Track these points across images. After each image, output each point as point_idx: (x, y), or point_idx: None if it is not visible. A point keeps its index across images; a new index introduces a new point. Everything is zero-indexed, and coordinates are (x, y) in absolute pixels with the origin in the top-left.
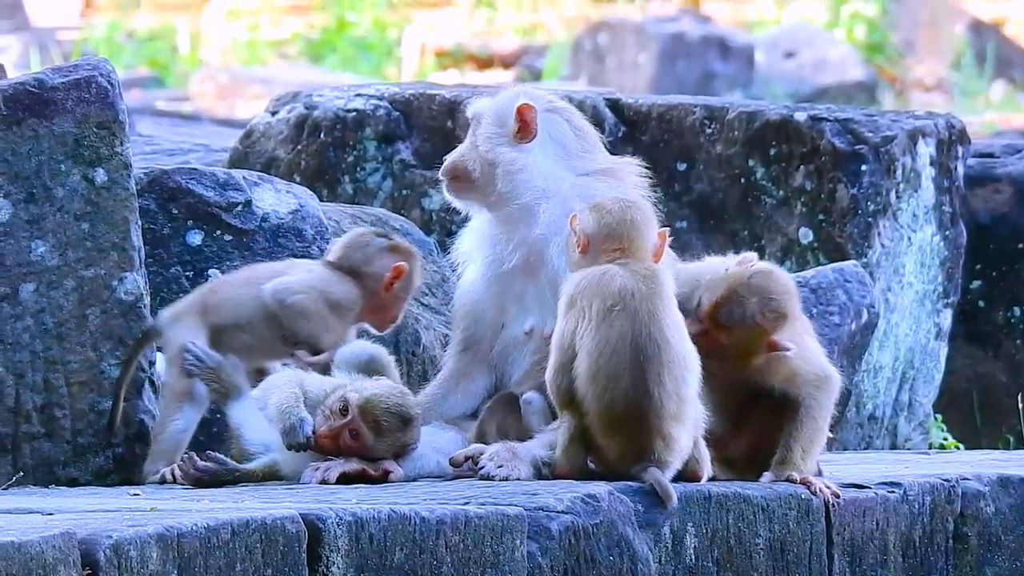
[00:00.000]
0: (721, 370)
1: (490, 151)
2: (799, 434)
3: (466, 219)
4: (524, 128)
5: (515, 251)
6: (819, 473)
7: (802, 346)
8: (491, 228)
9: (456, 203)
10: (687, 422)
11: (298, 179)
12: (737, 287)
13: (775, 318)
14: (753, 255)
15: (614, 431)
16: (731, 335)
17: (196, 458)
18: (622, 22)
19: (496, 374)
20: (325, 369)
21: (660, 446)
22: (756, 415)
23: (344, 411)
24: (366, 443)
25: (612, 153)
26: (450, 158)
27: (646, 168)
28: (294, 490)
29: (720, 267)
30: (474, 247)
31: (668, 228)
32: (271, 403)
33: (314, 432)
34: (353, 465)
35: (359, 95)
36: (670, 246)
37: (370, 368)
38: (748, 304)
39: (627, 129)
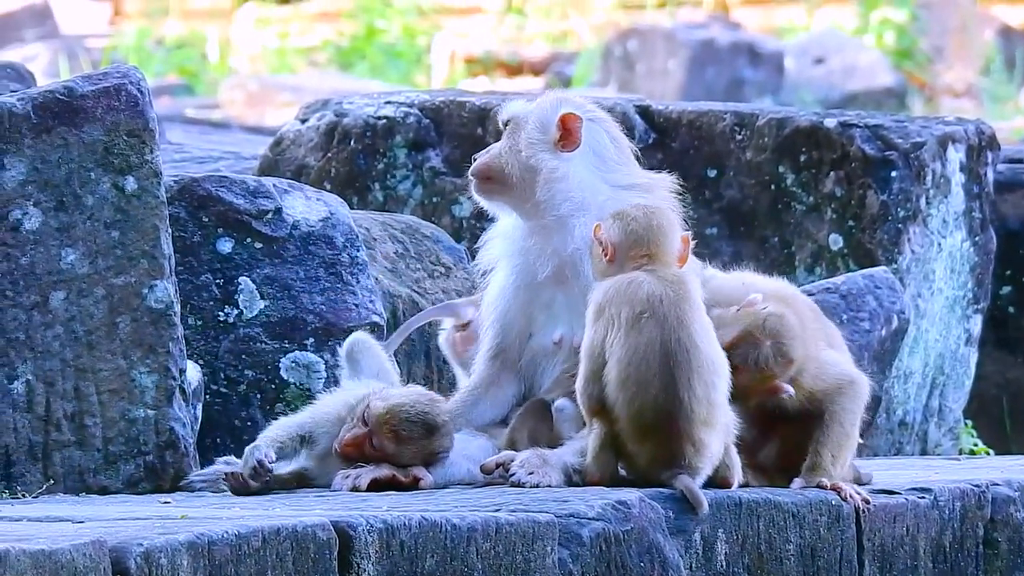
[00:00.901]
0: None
1: (532, 156)
2: (827, 439)
3: (493, 222)
4: (567, 137)
5: (547, 263)
6: (860, 480)
7: (817, 361)
8: (521, 236)
9: (484, 204)
10: (717, 428)
11: (328, 187)
12: (753, 329)
13: (785, 363)
14: (759, 296)
15: (644, 437)
16: (739, 376)
17: (245, 472)
18: (652, 29)
19: (525, 383)
20: None
21: (691, 452)
22: (785, 421)
23: (366, 420)
24: (387, 451)
25: (641, 160)
26: (483, 158)
27: (678, 179)
28: (324, 497)
29: (744, 292)
30: (502, 254)
31: (692, 232)
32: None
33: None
34: (384, 471)
35: (389, 102)
36: (697, 252)
37: (351, 357)
38: (763, 347)
39: (657, 136)
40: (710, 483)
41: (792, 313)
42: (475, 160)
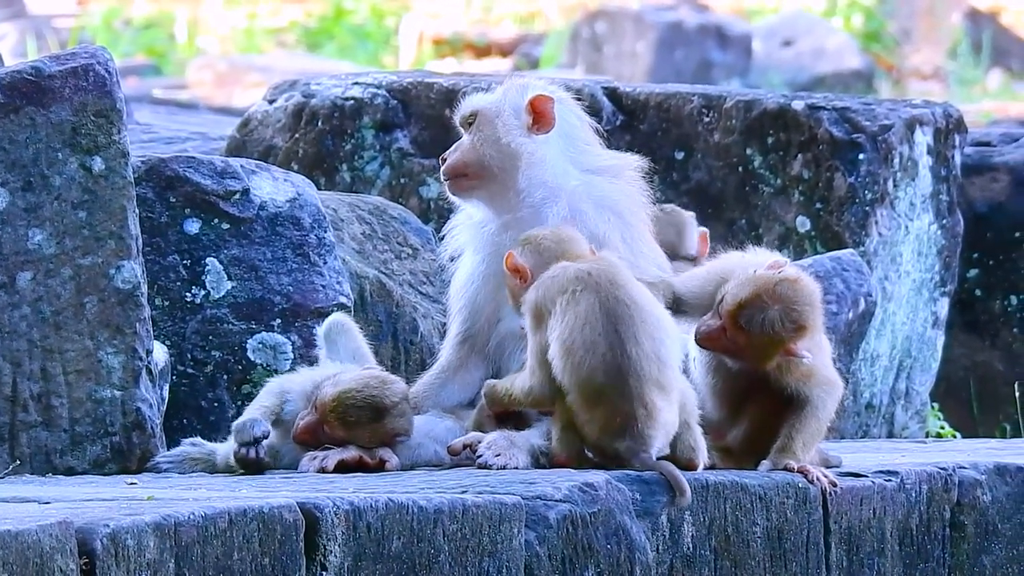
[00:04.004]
0: (734, 366)
1: (512, 142)
2: (802, 427)
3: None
4: (541, 119)
5: None
6: (828, 463)
7: (820, 349)
8: (494, 231)
9: (460, 202)
10: (670, 393)
11: (296, 167)
12: (762, 292)
13: (794, 329)
14: (784, 260)
15: (595, 403)
16: (749, 338)
17: (251, 451)
18: (620, 10)
19: (493, 366)
20: None
21: (642, 415)
22: (754, 403)
23: (317, 407)
24: (338, 437)
25: (609, 144)
26: (454, 156)
27: (645, 161)
28: (291, 479)
29: (747, 264)
30: (470, 241)
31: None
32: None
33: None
34: (351, 453)
35: (357, 83)
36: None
37: (329, 339)
38: (770, 311)
39: (625, 118)
40: (675, 464)
41: (810, 279)
42: (443, 161)
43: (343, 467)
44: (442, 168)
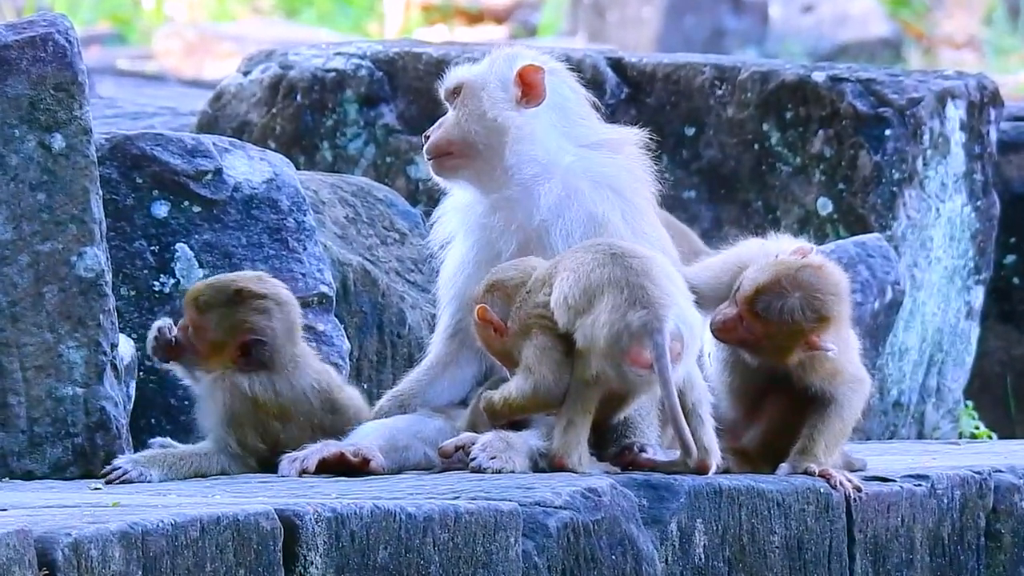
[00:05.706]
0: (753, 361)
1: (498, 116)
2: (825, 428)
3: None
4: (531, 91)
5: (512, 238)
6: (851, 466)
7: (846, 344)
8: (482, 212)
9: (444, 183)
10: (681, 286)
11: (273, 145)
12: (782, 278)
13: (816, 319)
14: (810, 247)
15: (599, 294)
16: (767, 328)
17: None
18: None
19: (486, 362)
20: None
21: (650, 286)
22: (773, 403)
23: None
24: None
25: (614, 118)
26: (437, 133)
27: (649, 136)
28: (269, 483)
29: (767, 252)
30: (460, 228)
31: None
32: None
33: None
34: (331, 449)
35: (339, 54)
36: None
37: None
38: (790, 299)
39: (630, 91)
40: (686, 470)
41: (836, 267)
42: (426, 138)
43: (324, 466)
44: (425, 146)
